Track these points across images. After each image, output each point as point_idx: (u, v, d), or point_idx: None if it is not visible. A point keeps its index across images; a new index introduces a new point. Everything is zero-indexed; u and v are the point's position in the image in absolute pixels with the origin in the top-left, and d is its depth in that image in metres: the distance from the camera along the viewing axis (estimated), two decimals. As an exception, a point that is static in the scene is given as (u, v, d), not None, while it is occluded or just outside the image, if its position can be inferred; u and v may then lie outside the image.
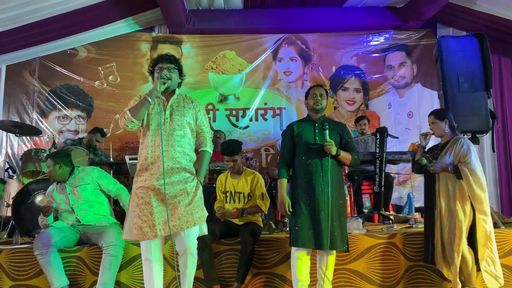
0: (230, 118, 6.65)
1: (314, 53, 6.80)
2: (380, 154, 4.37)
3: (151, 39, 6.69)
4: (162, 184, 2.65)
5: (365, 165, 4.65)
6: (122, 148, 6.36)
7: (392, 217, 4.49)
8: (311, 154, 3.00)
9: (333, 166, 2.98)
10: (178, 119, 2.78)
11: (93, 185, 3.57)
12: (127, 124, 2.70)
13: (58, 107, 6.46)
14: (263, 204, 3.64)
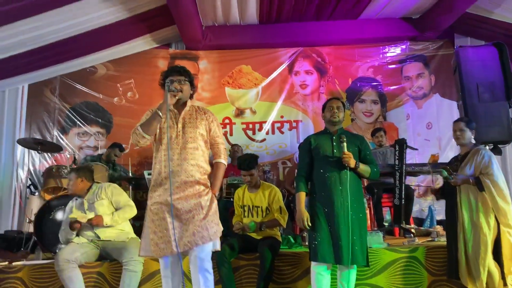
0: (246, 132, 6.69)
1: (330, 66, 6.83)
2: (399, 166, 4.32)
3: (168, 56, 6.82)
4: (176, 199, 2.64)
5: (384, 177, 4.60)
6: (141, 163, 6.45)
7: (413, 230, 4.41)
8: (330, 167, 2.99)
9: (352, 179, 2.96)
10: (190, 131, 2.77)
11: (108, 201, 3.63)
12: (139, 139, 2.69)
13: (78, 124, 6.62)
14: (281, 218, 3.63)
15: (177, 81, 2.78)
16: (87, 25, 5.76)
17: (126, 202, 3.67)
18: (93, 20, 5.70)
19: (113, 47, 6.47)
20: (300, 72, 6.84)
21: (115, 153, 5.71)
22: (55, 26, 5.52)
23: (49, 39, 5.76)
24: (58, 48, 5.96)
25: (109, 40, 6.33)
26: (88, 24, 5.74)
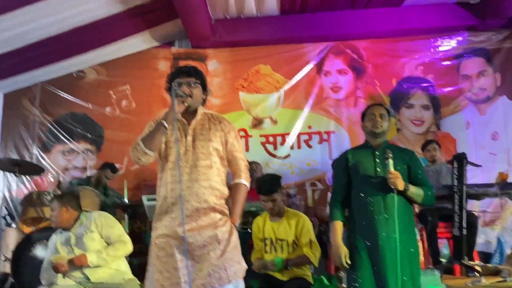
0: (266, 146, 6.71)
1: (368, 64, 6.83)
2: (459, 187, 4.29)
3: (171, 56, 6.93)
4: (186, 231, 2.59)
5: (440, 202, 4.54)
6: (138, 186, 6.52)
7: (478, 268, 4.34)
8: (372, 190, 2.98)
9: (401, 204, 2.93)
10: (202, 145, 2.75)
11: (99, 234, 3.66)
12: (140, 156, 2.66)
13: (62, 140, 6.74)
14: (312, 254, 3.60)
15: (186, 83, 2.74)
16: (73, 21, 5.89)
17: (119, 237, 3.69)
18: (81, 14, 5.82)
19: (104, 46, 6.60)
20: (332, 72, 6.86)
21: (107, 175, 5.78)
22: (34, 23, 5.64)
23: (27, 39, 5.90)
24: (38, 49, 6.10)
25: (100, 39, 6.47)
26: (74, 19, 5.87)
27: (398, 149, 3.18)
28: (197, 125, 2.80)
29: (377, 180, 2.99)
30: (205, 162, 2.72)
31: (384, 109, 3.18)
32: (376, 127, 3.10)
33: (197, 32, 6.50)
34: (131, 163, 6.56)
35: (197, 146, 2.73)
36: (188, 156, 2.71)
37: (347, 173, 3.12)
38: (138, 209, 5.79)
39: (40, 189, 6.20)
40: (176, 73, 2.82)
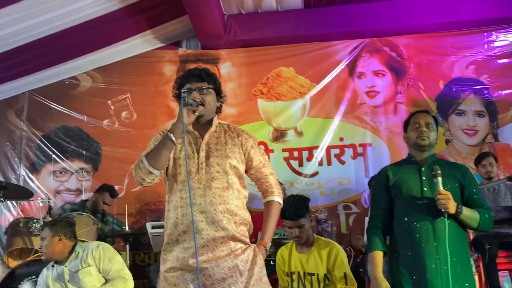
0: (290, 163, 6.72)
1: (410, 63, 6.83)
2: (522, 209, 4.21)
3: (177, 58, 7.03)
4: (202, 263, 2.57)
5: (499, 226, 4.51)
6: (141, 211, 6.57)
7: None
8: (418, 213, 2.96)
9: (452, 230, 2.90)
10: (218, 162, 2.72)
11: (97, 268, 3.70)
12: (144, 176, 2.64)
13: (53, 158, 6.83)
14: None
15: (197, 89, 2.74)
16: (65, 21, 6.01)
17: (118, 272, 3.71)
18: (74, 13, 5.94)
19: (101, 49, 6.73)
20: (366, 73, 6.88)
21: (105, 199, 5.83)
22: (21, 24, 5.77)
23: (13, 42, 6.02)
24: (24, 54, 6.23)
25: (96, 40, 6.59)
26: (67, 19, 5.99)
27: (448, 164, 3.16)
28: (211, 139, 2.79)
29: (423, 201, 2.97)
30: (221, 183, 2.69)
31: (431, 117, 3.17)
32: (422, 139, 3.09)
33: (207, 30, 6.57)
34: (132, 184, 6.63)
35: (212, 164, 2.71)
36: (201, 176, 2.68)
37: (387, 194, 3.11)
38: (141, 238, 5.86)
39: (28, 216, 6.20)
40: (185, 77, 2.81)
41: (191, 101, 2.64)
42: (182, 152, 2.71)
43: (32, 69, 6.64)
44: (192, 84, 2.76)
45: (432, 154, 3.15)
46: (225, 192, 2.68)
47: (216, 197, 2.65)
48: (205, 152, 2.74)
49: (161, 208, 6.48)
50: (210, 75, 2.82)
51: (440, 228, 2.89)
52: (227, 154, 2.75)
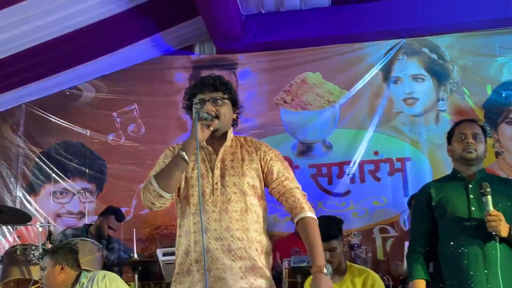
0: (318, 180, 6.73)
1: (453, 66, 6.79)
2: None
3: (190, 65, 7.12)
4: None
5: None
6: (151, 236, 6.62)
7: None
8: (465, 236, 2.96)
9: (505, 256, 2.90)
10: (234, 182, 2.70)
11: None
12: (153, 200, 2.63)
13: (53, 178, 6.91)
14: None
15: (211, 100, 2.74)
16: (65, 25, 6.07)
17: None
18: (75, 16, 5.99)
19: (105, 56, 6.80)
20: (403, 78, 6.87)
21: (110, 223, 5.85)
22: (16, 29, 5.80)
23: (7, 50, 6.08)
24: (21, 61, 6.29)
25: (100, 46, 6.66)
26: (66, 22, 6.04)
27: (500, 181, 3.16)
28: (226, 155, 2.78)
29: (471, 223, 2.98)
30: (239, 205, 2.67)
31: (478, 127, 3.18)
32: (469, 151, 3.09)
33: (223, 32, 6.64)
34: (141, 206, 6.53)
35: (228, 184, 2.70)
36: (216, 197, 2.67)
37: (430, 215, 3.10)
38: (151, 266, 5.85)
39: (26, 242, 6.21)
40: (197, 86, 2.80)
41: (205, 115, 2.63)
42: (195, 171, 2.69)
43: (29, 78, 6.70)
44: (205, 95, 2.74)
45: (481, 169, 3.15)
46: (243, 216, 2.66)
47: (233, 221, 2.63)
48: (219, 170, 2.73)
49: (173, 233, 6.35)
50: (225, 84, 2.82)
51: (491, 253, 2.89)
52: (244, 172, 2.73)
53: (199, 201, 2.60)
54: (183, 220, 2.71)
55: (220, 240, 2.59)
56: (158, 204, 2.63)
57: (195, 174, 2.68)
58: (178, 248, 2.72)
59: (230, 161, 2.76)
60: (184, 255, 2.66)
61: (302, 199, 2.73)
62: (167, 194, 2.61)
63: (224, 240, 2.59)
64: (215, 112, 2.68)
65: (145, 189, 2.64)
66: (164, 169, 2.65)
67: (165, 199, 2.62)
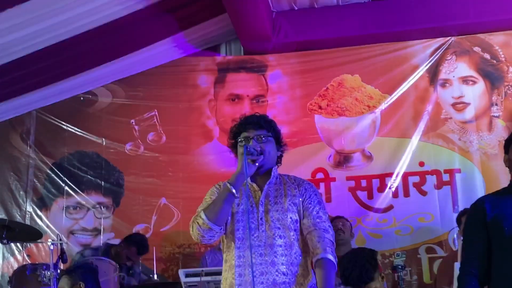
0: (357, 194, 6.72)
1: (508, 67, 6.75)
2: None
3: (215, 67, 7.17)
4: None
5: None
6: (172, 256, 6.66)
7: None
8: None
9: None
10: (278, 217, 2.97)
11: None
12: (203, 233, 2.89)
13: (66, 191, 6.98)
14: None
15: (255, 138, 3.03)
16: (78, 24, 6.14)
17: None
18: (89, 15, 6.05)
19: (123, 57, 6.88)
20: (453, 81, 6.84)
21: (130, 254, 5.86)
22: (24, 30, 5.89)
23: (15, 52, 6.17)
24: (31, 65, 6.39)
25: (117, 47, 6.76)
26: (80, 22, 6.11)
27: None
28: (270, 191, 3.06)
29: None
30: (283, 240, 2.93)
31: None
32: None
33: (251, 31, 6.65)
34: (161, 222, 6.77)
35: (272, 219, 2.96)
36: (261, 233, 2.94)
37: (484, 233, 3.08)
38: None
39: (36, 262, 6.34)
40: (242, 125, 3.10)
41: (252, 149, 2.93)
42: (240, 206, 3.01)
43: (39, 83, 6.81)
44: (250, 132, 3.05)
45: None
46: (287, 251, 2.93)
47: (278, 256, 2.89)
48: (264, 206, 3.01)
49: (196, 252, 6.62)
50: (269, 122, 3.15)
51: None
52: (287, 207, 2.99)
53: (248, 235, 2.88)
54: (228, 255, 3.01)
55: (265, 275, 2.87)
56: (208, 237, 2.91)
57: (240, 210, 3.00)
58: (223, 282, 3.00)
59: (274, 197, 3.05)
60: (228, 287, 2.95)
61: (328, 242, 2.96)
62: (216, 227, 2.90)
63: (269, 274, 2.87)
64: (261, 149, 2.98)
65: (194, 222, 2.92)
66: (212, 202, 2.96)
67: (214, 232, 2.91)
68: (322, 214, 3.04)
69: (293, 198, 3.01)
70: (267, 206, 2.98)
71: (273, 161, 3.09)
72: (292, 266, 2.90)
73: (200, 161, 6.90)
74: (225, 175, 6.43)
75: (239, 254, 2.91)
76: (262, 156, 2.95)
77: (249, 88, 7.12)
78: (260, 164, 2.96)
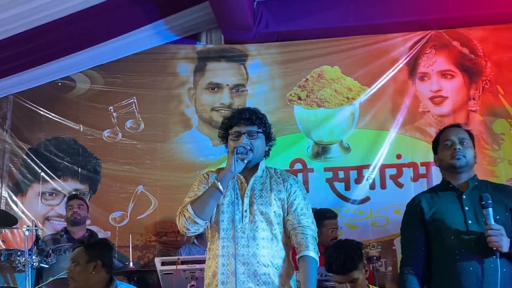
0: (334, 185, 6.86)
1: (486, 62, 6.87)
2: None
3: (195, 55, 7.29)
4: None
5: None
6: (148, 243, 6.79)
7: None
8: (463, 253, 3.08)
9: (506, 273, 3.00)
10: (262, 210, 3.15)
11: None
12: (189, 226, 3.10)
13: (42, 177, 7.08)
14: None
15: (246, 134, 3.21)
16: (57, 9, 6.19)
17: None
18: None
19: (102, 43, 6.95)
20: (431, 74, 6.97)
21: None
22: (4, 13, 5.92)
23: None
24: (8, 49, 6.46)
25: (96, 33, 6.81)
26: (59, 7, 6.16)
27: (494, 188, 3.28)
28: (256, 184, 3.26)
29: (469, 237, 3.09)
30: (266, 233, 3.12)
31: (465, 132, 3.34)
32: (457, 158, 3.22)
33: (233, 19, 6.71)
34: (138, 210, 6.89)
35: (256, 212, 3.15)
36: (244, 224, 3.13)
37: (423, 231, 3.25)
38: (148, 276, 6.06)
39: (11, 247, 6.41)
40: (234, 119, 3.27)
41: (241, 149, 3.10)
42: (226, 198, 3.19)
43: (16, 68, 6.85)
44: (241, 127, 3.23)
45: (472, 177, 3.27)
46: (269, 243, 3.11)
47: (260, 248, 3.08)
48: (249, 198, 3.20)
49: (173, 240, 6.74)
50: (261, 118, 3.30)
51: (490, 270, 2.99)
52: (271, 201, 3.18)
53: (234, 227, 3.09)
54: (212, 244, 3.21)
55: (246, 265, 3.05)
56: (193, 229, 3.13)
57: (226, 201, 3.19)
58: (207, 270, 3.19)
59: (259, 190, 3.24)
60: (211, 276, 3.13)
61: (311, 239, 3.11)
62: (202, 221, 3.10)
63: (251, 265, 3.05)
64: (251, 145, 3.17)
65: (181, 214, 3.14)
66: (200, 197, 3.14)
67: (199, 225, 3.12)
68: (306, 210, 3.20)
69: (279, 193, 3.18)
70: (252, 199, 3.16)
71: (261, 155, 3.28)
72: (274, 259, 3.07)
73: (178, 150, 7.01)
74: (203, 164, 6.67)
75: (223, 244, 3.10)
76: (251, 153, 3.14)
77: (229, 77, 7.20)
78: (249, 160, 3.15)
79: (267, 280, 3.02)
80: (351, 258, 3.82)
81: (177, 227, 3.18)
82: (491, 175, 6.43)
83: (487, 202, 3.01)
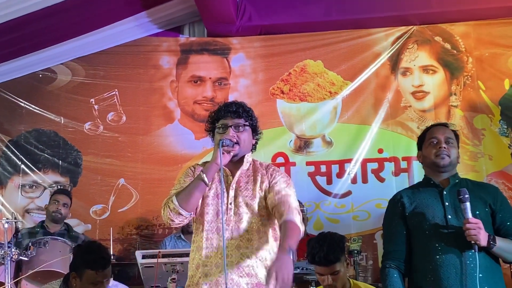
0: (316, 179, 7.06)
1: (468, 57, 7.06)
2: None
3: (178, 48, 7.45)
4: None
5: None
6: (129, 236, 6.95)
7: None
8: (442, 247, 3.21)
9: (484, 266, 3.11)
10: (247, 202, 3.26)
11: None
12: (173, 218, 3.19)
13: (22, 169, 7.20)
14: None
15: (233, 126, 3.31)
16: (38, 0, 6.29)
17: None
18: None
19: (83, 35, 7.09)
20: (413, 69, 7.17)
21: None
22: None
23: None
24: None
25: (77, 24, 6.93)
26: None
27: (474, 185, 3.42)
28: (242, 177, 3.36)
29: (448, 231, 3.22)
30: (250, 225, 3.23)
31: (451, 131, 3.47)
32: (441, 157, 3.36)
33: (215, 12, 6.86)
34: (119, 203, 7.05)
35: (240, 204, 3.26)
36: (229, 216, 3.23)
37: (404, 225, 3.40)
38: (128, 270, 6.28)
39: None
40: (221, 112, 3.37)
41: (227, 141, 3.20)
42: (211, 190, 3.29)
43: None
44: (228, 120, 3.32)
45: (454, 174, 3.44)
46: (253, 235, 3.21)
47: (244, 240, 3.19)
48: (234, 191, 3.30)
49: (155, 234, 6.87)
50: (248, 111, 3.39)
51: (470, 264, 3.12)
52: (256, 194, 3.29)
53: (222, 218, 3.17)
54: (196, 236, 3.31)
55: (230, 257, 3.14)
56: (177, 221, 3.23)
57: (211, 194, 3.28)
58: (191, 262, 3.29)
59: (245, 183, 3.33)
60: (195, 268, 3.24)
61: (294, 209, 3.14)
62: (186, 213, 3.20)
63: (234, 257, 3.15)
64: (237, 138, 3.26)
65: (166, 206, 3.23)
66: (185, 189, 3.23)
67: (184, 217, 3.22)
68: (290, 191, 3.24)
69: (262, 184, 3.27)
70: (237, 191, 3.26)
71: (247, 148, 3.36)
72: (257, 251, 3.15)
73: (160, 143, 7.18)
74: (185, 157, 6.82)
75: (207, 236, 3.19)
76: (238, 146, 3.24)
77: (212, 71, 7.33)
78: (235, 153, 3.25)
79: (250, 272, 3.10)
80: (334, 250, 3.89)
81: (158, 220, 3.34)
82: (472, 170, 6.65)
83: (464, 197, 3.14)
